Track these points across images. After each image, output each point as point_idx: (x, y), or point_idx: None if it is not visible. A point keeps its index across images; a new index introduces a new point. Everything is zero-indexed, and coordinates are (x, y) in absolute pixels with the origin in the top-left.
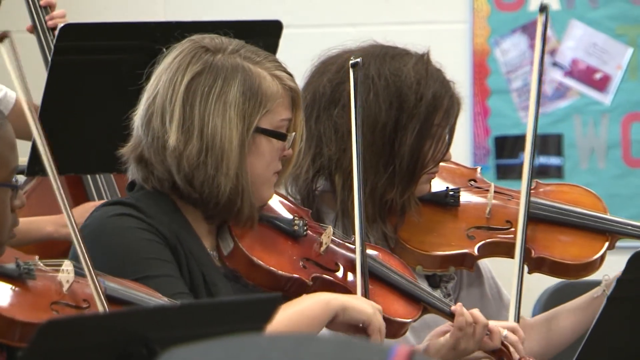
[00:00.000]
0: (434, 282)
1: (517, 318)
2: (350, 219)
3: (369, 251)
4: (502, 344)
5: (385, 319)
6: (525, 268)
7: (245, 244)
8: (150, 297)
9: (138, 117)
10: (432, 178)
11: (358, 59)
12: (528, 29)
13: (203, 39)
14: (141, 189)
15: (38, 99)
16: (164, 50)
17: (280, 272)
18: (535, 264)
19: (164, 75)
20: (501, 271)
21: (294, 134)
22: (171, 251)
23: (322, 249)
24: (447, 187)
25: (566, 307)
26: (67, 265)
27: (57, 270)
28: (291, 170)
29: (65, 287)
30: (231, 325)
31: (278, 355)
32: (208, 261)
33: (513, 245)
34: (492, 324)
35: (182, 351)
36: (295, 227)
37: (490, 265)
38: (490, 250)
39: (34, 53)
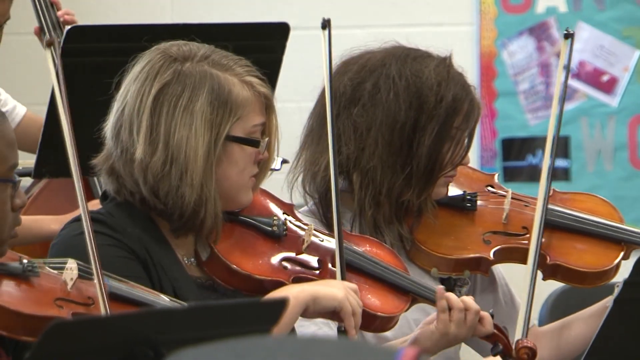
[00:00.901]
0: (449, 285)
1: (527, 323)
2: (364, 215)
3: (355, 247)
4: (497, 328)
5: (372, 315)
6: (540, 274)
7: (221, 250)
8: (154, 298)
9: (108, 128)
10: (450, 182)
11: (328, 19)
12: (535, 31)
13: (171, 47)
14: (113, 200)
15: (40, 101)
16: None
17: (258, 276)
18: (550, 270)
19: (132, 86)
20: (514, 276)
21: (266, 139)
22: (142, 265)
23: (304, 246)
24: (465, 192)
25: (578, 315)
26: (71, 263)
27: (61, 270)
28: (306, 170)
29: (69, 284)
30: (239, 328)
31: (285, 358)
32: (179, 273)
33: (528, 251)
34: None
35: (189, 353)
36: (274, 228)
37: (504, 270)
38: (506, 255)
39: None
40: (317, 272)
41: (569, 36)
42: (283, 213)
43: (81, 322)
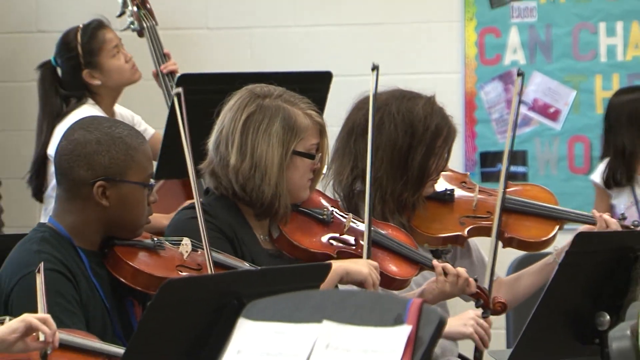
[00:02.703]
0: (437, 254)
1: (492, 276)
2: (375, 210)
3: (381, 230)
4: (479, 288)
5: (391, 278)
6: (500, 244)
7: (287, 230)
8: (239, 264)
9: (211, 143)
10: (435, 183)
11: (377, 64)
12: (503, 78)
13: (255, 88)
14: (212, 194)
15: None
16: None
17: (312, 250)
18: (507, 241)
19: (228, 114)
20: (483, 245)
21: (319, 154)
22: (229, 242)
23: (345, 229)
24: (446, 188)
25: (527, 270)
26: (186, 240)
27: (179, 245)
28: (335, 177)
29: (185, 255)
30: (296, 284)
31: (330, 304)
32: (256, 246)
33: (492, 228)
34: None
35: (262, 302)
36: (324, 216)
37: (478, 242)
38: (476, 232)
39: (157, 92)
40: (354, 247)
41: (520, 74)
42: (331, 206)
43: (187, 280)
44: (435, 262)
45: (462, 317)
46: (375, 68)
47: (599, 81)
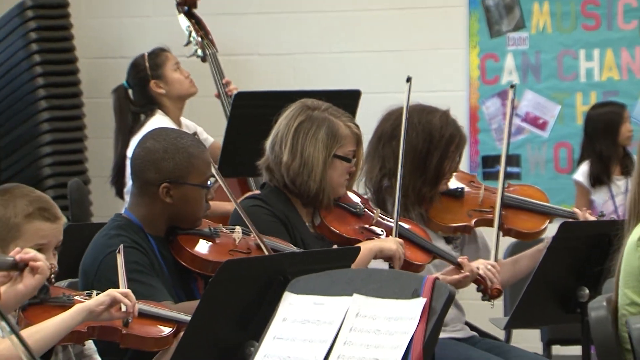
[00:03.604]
0: (449, 239)
1: (496, 260)
2: (401, 204)
3: (403, 224)
4: (480, 276)
5: (410, 263)
6: (500, 233)
7: (327, 219)
8: (286, 246)
9: (268, 143)
10: (448, 181)
11: (410, 77)
12: (500, 95)
13: (306, 101)
14: (268, 187)
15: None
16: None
17: (346, 235)
18: (506, 231)
19: (283, 121)
20: (486, 234)
21: (355, 159)
22: (284, 226)
23: (374, 221)
24: (457, 186)
25: (523, 255)
26: (238, 228)
27: (232, 232)
28: (366, 175)
29: (237, 240)
30: (332, 264)
31: (359, 281)
32: (305, 230)
33: (494, 220)
34: (481, 265)
35: (304, 278)
36: (357, 210)
37: (483, 231)
38: (481, 223)
39: (215, 108)
40: (380, 236)
41: (512, 86)
42: (362, 202)
43: (241, 260)
44: (462, 260)
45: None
46: (409, 79)
47: (580, 97)
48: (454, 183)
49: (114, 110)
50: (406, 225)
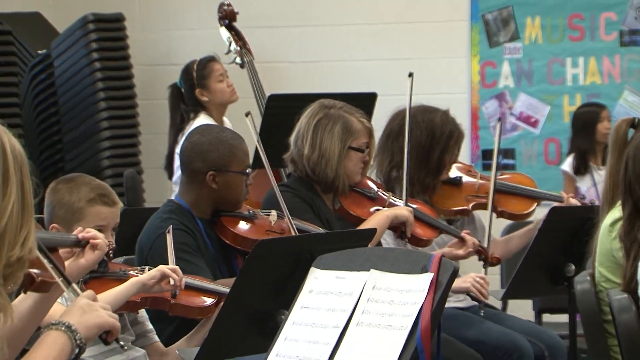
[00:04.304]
0: (450, 222)
1: (489, 238)
2: (408, 192)
3: (412, 204)
4: (481, 247)
5: (419, 238)
6: (495, 215)
7: (345, 203)
8: (311, 227)
9: (292, 139)
10: (449, 171)
11: (412, 72)
12: (498, 97)
13: (324, 101)
14: (294, 177)
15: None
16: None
17: (363, 217)
18: (499, 213)
19: (304, 119)
20: (484, 217)
21: (368, 150)
22: (310, 208)
23: (387, 203)
24: (456, 175)
25: (515, 234)
26: (273, 212)
27: (269, 215)
28: (375, 166)
29: (272, 222)
30: (351, 243)
31: (375, 258)
32: (328, 211)
33: (488, 203)
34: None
35: (327, 256)
36: (372, 194)
37: (480, 214)
38: (478, 207)
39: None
40: None
41: (410, 75)
42: (377, 188)
43: (274, 240)
44: (464, 234)
45: (463, 277)
46: (411, 75)
47: (566, 99)
48: (453, 172)
49: (168, 104)
50: (415, 205)
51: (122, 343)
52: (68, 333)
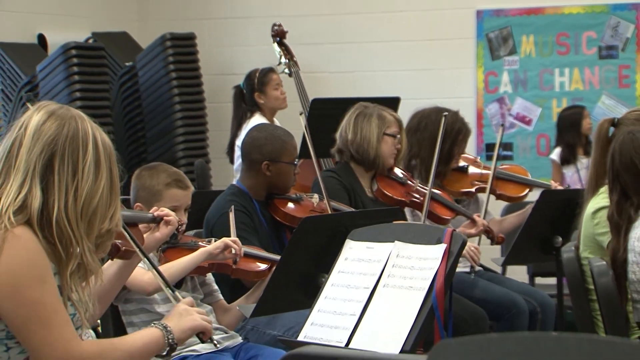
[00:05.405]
0: (458, 202)
1: (485, 214)
2: (421, 175)
3: (435, 190)
4: (487, 227)
5: (440, 217)
6: (494, 197)
7: (382, 186)
8: (345, 207)
9: (337, 134)
10: (457, 161)
11: (446, 114)
12: (499, 100)
13: (362, 103)
14: (339, 163)
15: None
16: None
17: (395, 197)
18: (498, 196)
19: (346, 117)
20: (484, 199)
21: (399, 137)
22: (347, 193)
23: (414, 188)
24: (464, 164)
25: (510, 215)
26: (316, 195)
27: (312, 198)
28: (402, 156)
29: (315, 203)
30: (380, 219)
31: (399, 231)
32: (364, 195)
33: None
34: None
35: (359, 230)
36: (402, 180)
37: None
38: (481, 190)
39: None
40: (420, 198)
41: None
42: (405, 176)
43: (316, 217)
44: (476, 217)
45: None
46: (445, 116)
47: (555, 102)
48: (461, 162)
49: (232, 102)
50: (437, 191)
51: (215, 342)
52: (164, 332)
